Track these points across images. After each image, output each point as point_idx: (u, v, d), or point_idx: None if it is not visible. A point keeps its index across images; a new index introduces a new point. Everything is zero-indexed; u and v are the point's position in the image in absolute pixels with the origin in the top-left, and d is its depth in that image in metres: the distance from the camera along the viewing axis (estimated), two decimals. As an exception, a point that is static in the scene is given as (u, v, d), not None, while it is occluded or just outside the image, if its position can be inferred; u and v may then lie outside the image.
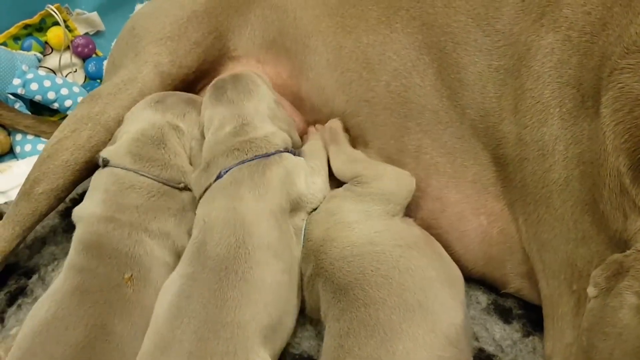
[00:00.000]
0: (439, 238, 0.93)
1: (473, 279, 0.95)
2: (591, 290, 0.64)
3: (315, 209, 0.91)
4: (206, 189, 0.88)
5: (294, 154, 0.92)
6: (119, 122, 1.02)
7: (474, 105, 0.90)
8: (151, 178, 0.92)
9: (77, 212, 0.91)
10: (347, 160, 0.97)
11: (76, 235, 0.88)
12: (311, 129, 1.08)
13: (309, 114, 1.10)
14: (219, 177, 0.87)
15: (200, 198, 0.89)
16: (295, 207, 0.88)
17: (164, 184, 0.92)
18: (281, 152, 0.89)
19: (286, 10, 1.10)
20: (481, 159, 0.91)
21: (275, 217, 0.84)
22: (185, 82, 1.10)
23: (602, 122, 0.73)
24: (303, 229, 0.89)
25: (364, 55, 1.01)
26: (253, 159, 0.87)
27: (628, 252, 0.62)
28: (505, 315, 0.92)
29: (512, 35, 0.87)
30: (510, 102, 0.86)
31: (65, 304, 0.78)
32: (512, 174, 0.87)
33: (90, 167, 1.01)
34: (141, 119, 0.98)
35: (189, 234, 0.88)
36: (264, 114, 0.94)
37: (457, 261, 0.93)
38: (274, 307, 0.79)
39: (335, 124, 1.04)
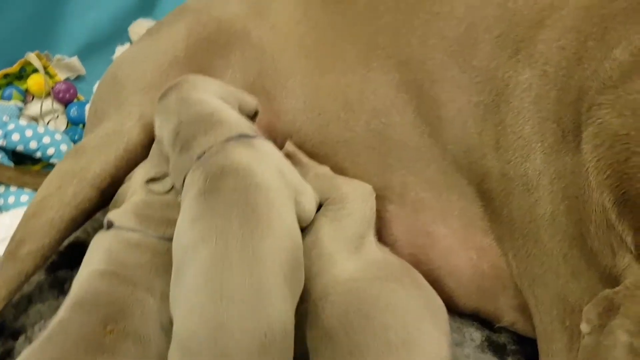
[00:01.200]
0: (430, 273, 0.93)
1: (466, 315, 0.95)
2: (584, 327, 0.64)
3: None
4: (188, 171, 0.85)
5: None
6: (105, 178, 1.00)
7: (456, 141, 0.90)
8: (157, 237, 0.90)
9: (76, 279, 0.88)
10: (313, 179, 0.96)
11: (70, 296, 0.85)
12: None
13: None
14: (199, 157, 0.83)
15: (184, 180, 0.85)
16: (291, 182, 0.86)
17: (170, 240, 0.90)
18: (259, 136, 0.88)
19: (264, 51, 1.10)
20: (467, 193, 0.91)
21: (277, 174, 0.82)
22: None
23: (583, 157, 0.73)
24: None
25: (342, 96, 1.01)
26: (238, 137, 0.84)
27: (617, 288, 0.62)
28: (500, 352, 0.91)
29: (488, 71, 0.87)
30: (492, 137, 0.86)
31: (33, 351, 0.76)
32: (498, 209, 0.87)
33: (75, 225, 0.99)
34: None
35: None
36: (217, 96, 0.91)
37: (449, 296, 0.93)
38: (292, 240, 0.78)
39: (290, 147, 1.03)
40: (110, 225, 0.91)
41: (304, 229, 0.89)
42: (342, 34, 1.04)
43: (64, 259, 1.09)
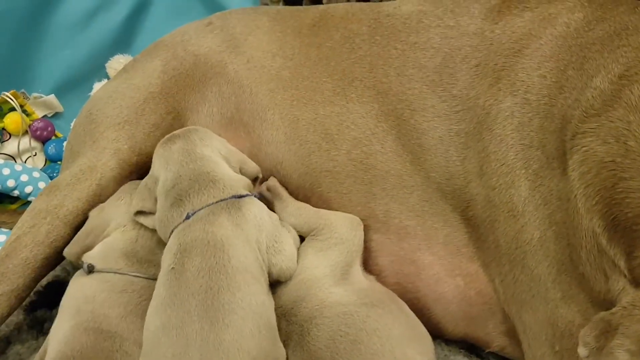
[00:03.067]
0: (417, 302, 0.93)
1: (453, 342, 0.94)
2: (582, 351, 0.64)
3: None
4: (175, 228, 0.85)
5: (257, 197, 0.91)
6: (78, 215, 0.99)
7: (438, 169, 0.91)
8: (144, 277, 0.88)
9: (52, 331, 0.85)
10: (294, 213, 0.97)
11: (50, 353, 0.81)
12: None
13: None
14: (187, 217, 0.84)
15: (170, 234, 0.85)
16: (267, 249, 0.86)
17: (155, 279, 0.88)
18: (250, 195, 0.89)
19: (242, 85, 1.10)
20: (451, 220, 0.91)
21: (251, 246, 0.82)
22: (145, 168, 1.06)
23: (571, 184, 0.74)
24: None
25: (322, 126, 1.01)
26: (230, 199, 0.85)
27: (614, 309, 0.62)
28: (487, 379, 0.91)
29: (469, 99, 0.88)
30: (475, 164, 0.87)
31: None
32: (484, 235, 0.87)
33: (50, 263, 0.97)
34: (121, 211, 0.95)
35: None
36: (219, 153, 0.93)
37: (437, 323, 0.93)
38: (259, 321, 0.76)
39: (272, 181, 1.03)
40: (91, 269, 0.89)
41: None
42: (318, 66, 1.05)
43: (42, 299, 1.06)
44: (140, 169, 1.06)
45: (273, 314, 0.80)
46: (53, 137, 1.51)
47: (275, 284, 0.87)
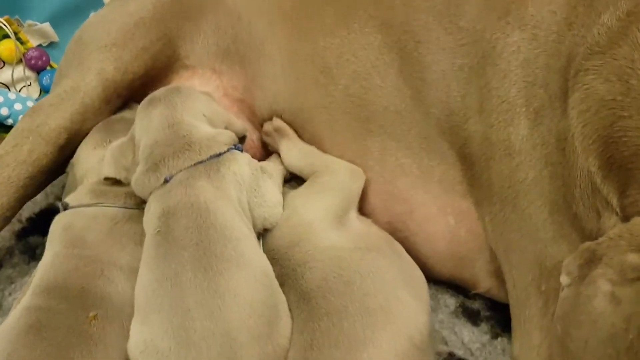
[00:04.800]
0: (407, 241, 0.93)
1: (441, 282, 0.96)
2: (564, 279, 0.65)
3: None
4: (152, 191, 0.85)
5: (240, 150, 0.90)
6: (61, 133, 0.98)
7: (439, 105, 0.90)
8: (116, 207, 0.88)
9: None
10: (300, 154, 0.97)
11: (35, 281, 0.82)
12: (274, 155, 1.05)
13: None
14: (165, 181, 0.84)
15: (147, 197, 0.86)
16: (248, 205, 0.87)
17: (131, 208, 0.89)
18: (232, 149, 0.88)
19: (240, 16, 1.08)
20: (448, 158, 0.91)
21: (235, 207, 0.82)
22: (130, 89, 1.06)
23: (569, 123, 0.74)
24: (261, 243, 0.87)
25: (321, 59, 1.00)
26: (208, 160, 0.85)
27: (600, 239, 0.63)
28: (473, 318, 0.92)
29: (475, 32, 0.87)
30: (476, 101, 0.86)
31: (20, 343, 0.73)
32: (478, 173, 0.87)
33: (35, 183, 0.97)
34: (95, 161, 0.95)
35: None
36: (200, 115, 0.91)
37: (425, 263, 0.94)
38: (254, 269, 0.77)
39: (278, 121, 1.02)
40: (65, 206, 0.90)
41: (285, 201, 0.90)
42: None
43: (35, 226, 1.07)
44: (127, 88, 1.05)
45: (268, 263, 0.81)
46: (48, 68, 1.49)
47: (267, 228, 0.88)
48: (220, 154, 0.86)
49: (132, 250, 0.85)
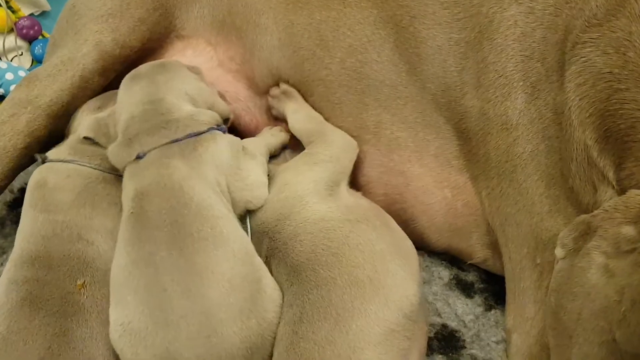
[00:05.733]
0: (403, 212, 0.94)
1: (435, 254, 0.96)
2: (559, 252, 0.66)
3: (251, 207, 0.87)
4: (126, 166, 0.85)
5: (223, 131, 0.89)
6: (61, 106, 0.98)
7: (435, 80, 0.90)
8: (90, 167, 0.88)
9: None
10: (305, 118, 0.97)
11: (14, 253, 0.82)
12: (265, 128, 1.05)
13: (266, 98, 1.07)
14: (138, 157, 0.83)
15: (122, 171, 0.85)
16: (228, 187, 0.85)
17: (104, 171, 0.89)
18: (213, 129, 0.86)
19: None
20: (444, 132, 0.91)
21: (212, 188, 0.81)
22: (128, 63, 1.04)
23: (566, 96, 0.74)
24: (248, 219, 0.86)
25: (317, 32, 0.99)
26: (184, 139, 0.83)
27: (595, 212, 0.63)
28: (467, 290, 0.93)
29: (472, 6, 0.86)
30: (472, 75, 0.86)
31: (16, 317, 0.73)
32: (475, 148, 0.87)
33: (30, 153, 0.96)
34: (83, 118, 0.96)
35: None
36: (183, 94, 0.90)
37: (422, 234, 0.95)
38: (233, 247, 0.76)
39: (287, 86, 1.02)
40: (44, 159, 0.91)
41: (275, 174, 0.89)
42: None
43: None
44: (123, 62, 1.04)
45: (249, 240, 0.80)
46: (40, 37, 1.47)
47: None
48: (198, 134, 0.84)
49: (104, 211, 0.86)
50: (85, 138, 0.92)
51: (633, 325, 0.58)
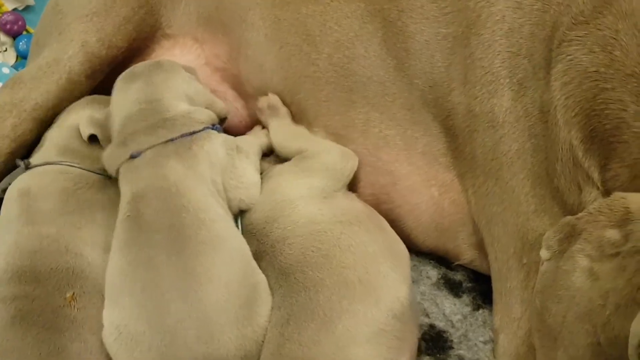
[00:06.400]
0: (390, 212, 0.93)
1: (423, 253, 0.95)
2: (544, 253, 0.65)
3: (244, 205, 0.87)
4: (120, 166, 0.84)
5: (219, 130, 0.88)
6: (48, 110, 0.96)
7: (422, 76, 0.88)
8: (80, 167, 0.86)
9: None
10: (289, 135, 0.95)
11: (1, 265, 0.78)
12: (257, 127, 1.03)
13: (251, 99, 1.05)
14: (132, 156, 0.82)
15: (116, 175, 0.84)
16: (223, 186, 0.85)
17: (95, 172, 0.87)
18: (208, 128, 0.86)
19: None
20: (432, 129, 0.90)
21: (208, 187, 0.81)
22: (114, 64, 1.03)
23: (552, 95, 0.73)
24: (240, 219, 0.86)
25: (303, 27, 0.97)
26: (179, 138, 0.82)
27: (580, 214, 0.63)
28: (455, 289, 0.92)
29: (460, 1, 0.85)
30: (460, 72, 0.84)
31: (7, 336, 0.71)
32: (462, 145, 0.86)
33: (17, 157, 0.94)
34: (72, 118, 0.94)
35: None
36: (181, 94, 0.89)
37: (409, 235, 0.93)
38: (231, 251, 0.76)
39: (273, 97, 1.00)
40: (27, 165, 0.88)
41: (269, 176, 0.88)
42: None
43: None
44: (110, 63, 1.02)
45: (245, 244, 0.80)
46: (24, 32, 1.45)
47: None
48: (193, 132, 0.83)
49: (94, 218, 0.84)
50: (90, 137, 0.90)
51: (617, 329, 0.57)
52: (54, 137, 0.93)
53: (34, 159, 0.89)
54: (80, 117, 0.93)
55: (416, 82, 0.89)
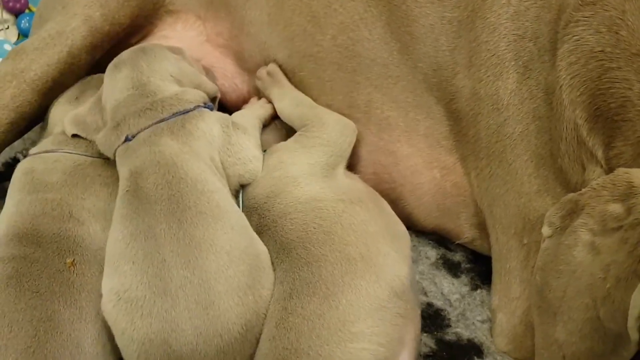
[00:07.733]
0: (392, 192, 0.94)
1: (423, 234, 0.96)
2: (546, 230, 0.66)
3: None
4: (116, 149, 0.84)
5: (211, 109, 0.88)
6: (47, 82, 0.96)
7: (426, 59, 0.89)
8: (76, 153, 0.87)
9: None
10: (292, 103, 0.96)
11: (0, 230, 0.79)
12: (253, 99, 1.04)
13: (253, 73, 1.05)
14: (127, 139, 0.83)
15: (114, 157, 0.85)
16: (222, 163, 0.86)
17: (91, 156, 0.88)
18: (200, 107, 0.86)
19: None
20: (434, 113, 0.90)
21: (205, 162, 0.81)
22: (116, 40, 1.03)
23: (558, 75, 0.74)
24: (241, 193, 0.86)
25: (308, 8, 0.97)
26: (171, 117, 0.83)
27: (583, 190, 0.64)
28: (453, 270, 0.93)
29: None
30: (465, 55, 0.85)
31: (1, 298, 0.71)
32: (465, 129, 0.87)
33: (15, 129, 0.95)
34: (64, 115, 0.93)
35: None
36: (167, 76, 0.89)
37: (410, 214, 0.95)
38: (231, 220, 0.76)
39: (273, 67, 1.00)
40: (25, 154, 0.90)
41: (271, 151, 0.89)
42: None
43: (11, 170, 1.02)
44: (112, 39, 1.03)
45: (244, 216, 0.80)
46: (27, 11, 1.45)
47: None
48: (185, 112, 0.84)
49: (96, 191, 0.85)
50: (73, 136, 0.90)
51: (617, 302, 0.58)
52: (51, 136, 0.93)
53: (32, 150, 0.90)
54: (67, 115, 0.93)
55: (420, 65, 0.90)
